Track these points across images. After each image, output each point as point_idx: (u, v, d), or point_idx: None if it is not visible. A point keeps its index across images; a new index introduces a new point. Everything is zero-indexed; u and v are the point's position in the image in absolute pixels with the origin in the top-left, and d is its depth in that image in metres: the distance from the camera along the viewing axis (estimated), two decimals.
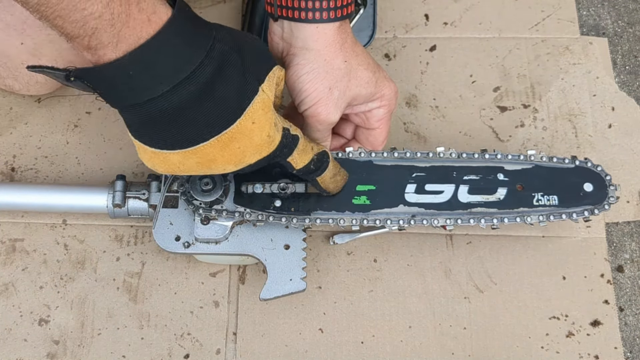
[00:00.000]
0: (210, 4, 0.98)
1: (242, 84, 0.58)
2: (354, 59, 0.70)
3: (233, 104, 0.58)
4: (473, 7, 0.99)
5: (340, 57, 0.68)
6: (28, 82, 0.83)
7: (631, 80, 0.97)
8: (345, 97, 0.69)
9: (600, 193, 0.78)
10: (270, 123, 0.62)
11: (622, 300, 0.85)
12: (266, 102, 0.61)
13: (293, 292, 0.75)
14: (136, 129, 0.59)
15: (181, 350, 0.80)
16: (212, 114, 0.57)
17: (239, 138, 0.60)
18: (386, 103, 0.74)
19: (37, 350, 0.80)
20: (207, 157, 0.60)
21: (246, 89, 0.59)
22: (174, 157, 0.60)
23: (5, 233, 0.85)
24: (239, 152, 0.61)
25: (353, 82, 0.69)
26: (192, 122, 0.57)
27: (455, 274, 0.84)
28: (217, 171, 0.63)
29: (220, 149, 0.60)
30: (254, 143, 0.61)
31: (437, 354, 0.81)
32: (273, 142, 0.63)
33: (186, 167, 0.61)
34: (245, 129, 0.59)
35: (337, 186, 0.74)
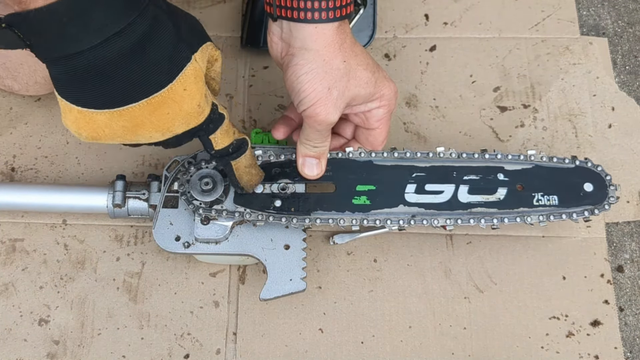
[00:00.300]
0: (210, 4, 0.98)
1: (174, 50, 0.58)
2: (353, 59, 0.70)
3: (165, 68, 0.57)
4: (473, 7, 0.99)
5: (339, 57, 0.68)
6: (27, 82, 0.83)
7: (631, 80, 0.97)
8: (344, 97, 0.69)
9: (600, 193, 0.78)
10: (202, 93, 0.61)
11: (622, 300, 0.85)
12: (198, 71, 0.60)
13: (293, 292, 0.75)
14: (63, 84, 0.57)
15: (181, 350, 0.80)
16: (143, 75, 0.56)
17: (170, 103, 0.59)
18: (386, 103, 0.74)
19: (37, 350, 0.80)
20: (134, 120, 0.58)
21: (179, 55, 0.58)
22: (101, 117, 0.58)
23: (5, 233, 0.85)
24: (168, 118, 0.60)
25: (352, 82, 0.69)
26: (122, 81, 0.56)
27: (455, 274, 0.84)
28: (142, 139, 0.61)
29: (149, 113, 0.58)
30: (184, 111, 0.60)
31: (437, 354, 0.81)
32: (202, 114, 0.62)
33: (111, 132, 0.59)
34: (177, 95, 0.59)
35: (251, 181, 0.74)
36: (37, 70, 0.82)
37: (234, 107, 0.92)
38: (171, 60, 0.58)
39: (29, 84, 0.84)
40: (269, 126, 0.90)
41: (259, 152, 0.77)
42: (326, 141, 0.74)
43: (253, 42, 0.92)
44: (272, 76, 0.94)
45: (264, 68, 0.94)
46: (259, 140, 0.82)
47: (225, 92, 0.92)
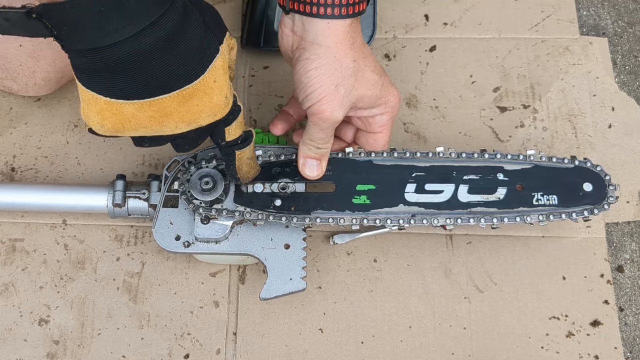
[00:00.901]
0: (211, 3, 0.97)
1: (204, 41, 0.57)
2: (362, 60, 0.69)
3: (196, 59, 0.57)
4: (473, 7, 0.99)
5: (350, 56, 0.68)
6: (26, 83, 0.84)
7: (631, 80, 0.97)
8: (350, 97, 0.69)
9: (600, 193, 0.78)
10: (228, 84, 0.61)
11: (622, 300, 0.85)
12: (225, 62, 0.60)
13: (293, 292, 0.75)
14: (90, 75, 0.56)
15: (181, 350, 0.80)
16: (176, 67, 0.56)
17: (200, 95, 0.59)
18: (389, 110, 0.74)
19: (37, 350, 0.80)
20: (163, 110, 0.58)
21: (209, 46, 0.58)
22: (128, 108, 0.57)
23: (5, 233, 0.85)
24: (197, 110, 0.59)
25: (360, 82, 0.69)
26: (155, 72, 0.55)
27: (455, 274, 0.84)
28: (166, 129, 0.60)
29: (179, 104, 0.58)
30: (213, 103, 0.60)
31: (437, 354, 0.81)
32: (228, 105, 0.62)
33: (137, 121, 0.59)
34: (207, 87, 0.59)
35: (249, 172, 0.74)
36: (36, 72, 0.82)
37: None
38: (201, 51, 0.57)
39: (28, 85, 0.84)
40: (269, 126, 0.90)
41: (259, 152, 0.77)
42: (329, 142, 0.74)
43: (253, 42, 0.92)
44: (272, 76, 0.94)
45: (264, 68, 0.94)
46: (259, 140, 0.82)
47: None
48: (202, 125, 0.61)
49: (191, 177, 0.75)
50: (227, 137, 0.66)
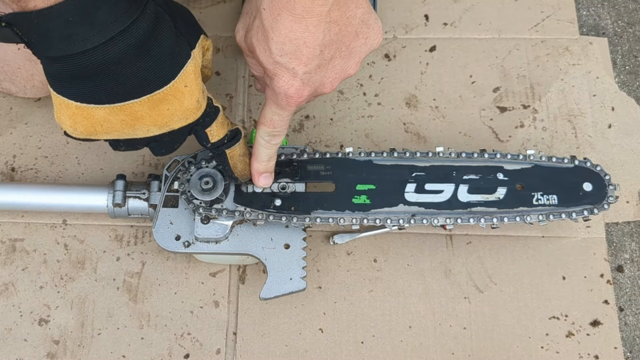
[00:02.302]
0: (211, 4, 0.98)
1: (175, 46, 0.58)
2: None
3: (167, 65, 0.57)
4: (473, 7, 0.99)
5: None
6: (25, 85, 0.84)
7: (631, 80, 0.97)
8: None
9: (600, 193, 0.78)
10: (200, 89, 0.61)
11: (622, 300, 0.85)
12: (197, 67, 0.61)
13: (293, 292, 0.75)
14: (61, 81, 0.57)
15: (181, 350, 0.80)
16: (146, 73, 0.57)
17: (170, 100, 0.59)
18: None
19: (37, 350, 0.80)
20: (134, 114, 0.59)
21: (180, 52, 0.59)
22: (100, 112, 0.58)
23: (5, 233, 0.85)
24: (168, 114, 0.60)
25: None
26: (126, 78, 0.56)
27: (455, 274, 0.84)
28: (139, 132, 0.61)
29: (150, 109, 0.58)
30: (184, 107, 0.60)
31: (437, 354, 0.81)
32: (200, 109, 0.62)
33: (109, 125, 0.59)
34: (178, 92, 0.59)
35: (245, 170, 0.73)
36: (34, 74, 0.82)
37: (233, 107, 0.92)
38: (173, 56, 0.58)
39: (27, 87, 0.84)
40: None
41: None
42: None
43: None
44: None
45: None
46: None
47: (225, 92, 0.93)
48: (175, 128, 0.62)
49: (191, 177, 0.75)
50: (211, 138, 0.66)
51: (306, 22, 0.57)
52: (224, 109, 0.68)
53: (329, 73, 0.63)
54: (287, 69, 0.60)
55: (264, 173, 0.73)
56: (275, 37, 0.58)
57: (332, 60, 0.62)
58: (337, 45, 0.61)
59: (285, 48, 0.59)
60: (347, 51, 0.63)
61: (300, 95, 0.63)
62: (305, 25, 0.57)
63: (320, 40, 0.59)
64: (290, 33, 0.58)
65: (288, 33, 0.58)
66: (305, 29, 0.57)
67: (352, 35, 0.62)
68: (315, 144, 0.90)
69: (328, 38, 0.59)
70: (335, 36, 0.60)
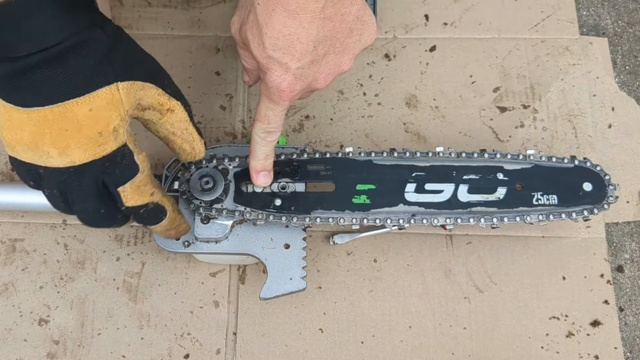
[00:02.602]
0: (211, 3, 0.98)
1: (96, 70, 0.56)
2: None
3: (78, 82, 0.56)
4: (473, 7, 0.99)
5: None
6: None
7: (631, 80, 0.97)
8: None
9: (600, 192, 0.78)
10: (109, 122, 0.58)
11: (622, 300, 0.85)
12: (115, 100, 0.58)
13: (293, 292, 0.75)
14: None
15: (181, 350, 0.80)
16: (55, 83, 0.55)
17: (70, 118, 0.56)
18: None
19: (37, 350, 0.80)
20: (39, 127, 0.56)
21: (99, 77, 0.57)
22: (18, 115, 0.56)
23: (5, 233, 0.85)
24: (65, 135, 0.57)
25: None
26: (38, 83, 0.55)
27: (455, 274, 0.84)
28: (42, 156, 0.58)
29: (50, 123, 0.56)
30: (82, 133, 0.57)
31: (437, 354, 0.81)
32: (102, 146, 0.58)
33: (20, 135, 0.57)
34: (79, 112, 0.56)
35: (172, 237, 0.74)
36: None
37: (233, 107, 0.92)
38: (88, 78, 0.56)
39: None
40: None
41: None
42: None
43: None
44: None
45: None
46: None
47: (225, 92, 0.93)
48: (74, 159, 0.58)
49: (191, 177, 0.75)
50: (125, 201, 0.62)
51: (300, 19, 0.57)
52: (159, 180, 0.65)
53: (322, 69, 0.63)
54: (280, 64, 0.60)
55: (262, 171, 0.73)
56: (268, 32, 0.58)
57: (326, 56, 0.62)
58: (331, 42, 0.61)
59: (279, 43, 0.59)
60: (341, 47, 0.63)
61: (292, 90, 0.62)
62: (299, 21, 0.57)
63: (314, 36, 0.59)
64: (284, 29, 0.58)
65: (282, 28, 0.58)
66: (299, 24, 0.57)
67: (346, 31, 0.62)
68: (315, 144, 0.90)
69: (322, 34, 0.59)
70: (329, 32, 0.60)
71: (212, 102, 0.91)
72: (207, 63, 0.94)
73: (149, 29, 0.96)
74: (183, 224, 0.72)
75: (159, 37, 0.95)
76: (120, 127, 0.59)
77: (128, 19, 0.95)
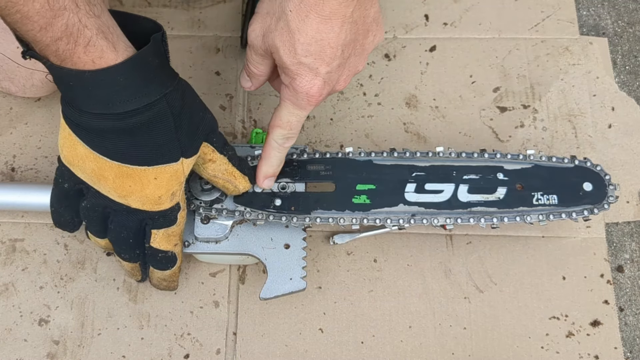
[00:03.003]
0: (211, 4, 0.98)
1: (165, 145, 0.62)
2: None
3: (149, 153, 0.62)
4: (473, 7, 0.99)
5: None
6: (24, 85, 0.84)
7: (631, 80, 0.97)
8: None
9: (600, 192, 0.78)
10: (169, 190, 0.65)
11: (622, 300, 0.85)
12: (179, 174, 0.64)
13: (293, 292, 0.75)
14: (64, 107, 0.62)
15: (181, 350, 0.80)
16: (130, 147, 0.61)
17: (135, 179, 0.63)
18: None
19: (37, 350, 0.80)
20: (102, 171, 0.63)
21: (168, 152, 0.62)
22: (81, 149, 0.62)
23: (5, 233, 0.85)
24: (127, 189, 0.63)
25: None
26: (112, 141, 0.61)
27: (455, 274, 0.84)
28: (101, 189, 0.65)
29: (115, 175, 0.63)
30: (144, 193, 0.64)
31: (437, 354, 0.81)
32: (159, 205, 0.65)
33: (81, 167, 0.64)
34: (145, 178, 0.63)
35: (158, 286, 0.78)
36: (34, 73, 0.82)
37: (233, 107, 0.92)
38: (158, 155, 0.62)
39: (26, 87, 0.84)
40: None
41: (259, 152, 0.77)
42: None
43: None
44: None
45: None
46: (259, 141, 0.83)
47: (225, 92, 0.93)
48: (130, 206, 0.65)
49: (191, 177, 0.75)
50: (152, 241, 0.69)
51: (332, 23, 0.59)
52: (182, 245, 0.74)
53: (345, 71, 0.65)
54: (311, 69, 0.61)
55: (271, 177, 0.74)
56: (301, 38, 0.60)
57: (349, 58, 0.64)
58: (353, 44, 0.63)
59: (311, 49, 0.60)
60: (361, 49, 0.65)
61: (321, 94, 0.64)
62: (330, 26, 0.59)
63: (343, 40, 0.61)
64: (317, 34, 0.59)
65: (314, 34, 0.59)
66: (330, 29, 0.59)
67: (365, 33, 0.64)
68: (315, 144, 0.90)
69: (349, 37, 0.61)
70: (353, 35, 0.62)
71: (212, 102, 0.91)
72: (207, 63, 0.94)
73: None
74: (176, 282, 0.78)
75: None
76: (178, 190, 0.66)
77: None
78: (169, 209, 0.67)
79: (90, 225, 0.70)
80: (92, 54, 0.56)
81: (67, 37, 0.55)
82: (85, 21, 0.55)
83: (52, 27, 0.54)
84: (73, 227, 0.72)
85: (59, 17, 0.54)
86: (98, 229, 0.70)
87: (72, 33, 0.55)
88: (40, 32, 0.54)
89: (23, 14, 0.53)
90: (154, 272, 0.75)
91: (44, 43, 0.55)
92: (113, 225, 0.68)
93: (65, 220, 0.71)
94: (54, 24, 0.54)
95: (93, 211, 0.67)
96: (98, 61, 0.57)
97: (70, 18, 0.54)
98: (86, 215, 0.69)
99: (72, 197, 0.69)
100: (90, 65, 0.56)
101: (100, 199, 0.66)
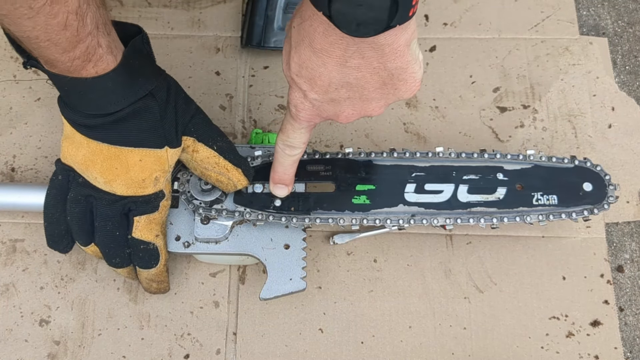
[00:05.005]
0: (211, 4, 0.98)
1: (149, 134, 0.67)
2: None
3: (134, 139, 0.67)
4: (473, 7, 0.99)
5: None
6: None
7: (631, 80, 0.97)
8: None
9: (600, 192, 0.78)
10: (152, 173, 0.69)
11: (622, 300, 0.85)
12: (162, 160, 0.69)
13: (293, 292, 0.75)
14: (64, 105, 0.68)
15: (181, 351, 0.80)
16: (117, 134, 0.67)
17: (121, 160, 0.67)
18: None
19: (37, 350, 0.80)
20: (92, 155, 0.67)
21: (151, 140, 0.67)
22: (79, 138, 0.68)
23: (5, 233, 0.85)
24: (114, 171, 0.68)
25: None
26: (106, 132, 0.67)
27: (455, 274, 0.84)
28: (89, 176, 0.69)
29: (104, 158, 0.67)
30: (129, 175, 0.68)
31: (437, 354, 0.81)
32: (142, 188, 0.70)
33: (77, 157, 0.69)
34: (130, 159, 0.67)
35: (149, 290, 0.79)
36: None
37: (233, 107, 0.92)
38: (143, 139, 0.67)
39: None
40: (269, 126, 0.90)
41: (259, 152, 0.77)
42: None
43: (253, 42, 0.92)
44: (272, 76, 0.94)
45: (264, 68, 0.94)
46: (259, 141, 0.83)
47: (225, 92, 0.93)
48: (116, 191, 0.69)
49: (191, 177, 0.75)
50: (134, 230, 0.71)
51: (323, 59, 0.56)
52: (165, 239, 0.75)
53: (344, 109, 0.62)
54: (301, 89, 0.60)
55: (278, 184, 0.73)
56: (295, 58, 0.58)
57: (350, 99, 0.60)
58: (356, 89, 0.59)
59: (302, 72, 0.58)
60: (370, 96, 0.60)
61: (310, 118, 0.63)
62: (322, 61, 0.56)
63: (336, 79, 0.58)
64: (308, 62, 0.57)
65: (306, 61, 0.57)
66: (321, 64, 0.57)
67: (377, 83, 0.59)
68: (315, 144, 0.90)
69: (345, 80, 0.58)
70: (354, 80, 0.58)
71: (212, 102, 0.92)
72: (207, 63, 0.94)
73: (149, 29, 0.94)
74: (165, 282, 0.79)
75: (159, 37, 0.95)
76: (162, 177, 0.70)
77: (128, 19, 0.95)
78: (153, 194, 0.70)
79: (74, 223, 0.71)
80: (98, 67, 0.61)
81: (84, 56, 0.59)
82: (101, 41, 0.60)
83: (74, 50, 0.58)
84: (67, 244, 0.74)
85: (82, 42, 0.58)
86: (84, 229, 0.72)
87: (89, 53, 0.59)
88: (63, 54, 0.58)
89: (53, 42, 0.57)
90: (141, 272, 0.75)
91: (59, 60, 0.59)
92: (98, 220, 0.71)
93: (59, 231, 0.73)
94: (77, 47, 0.58)
95: (77, 202, 0.70)
96: (101, 72, 0.62)
97: (91, 41, 0.59)
98: (71, 211, 0.71)
99: (65, 196, 0.72)
100: (92, 74, 0.61)
101: (85, 187, 0.70)
